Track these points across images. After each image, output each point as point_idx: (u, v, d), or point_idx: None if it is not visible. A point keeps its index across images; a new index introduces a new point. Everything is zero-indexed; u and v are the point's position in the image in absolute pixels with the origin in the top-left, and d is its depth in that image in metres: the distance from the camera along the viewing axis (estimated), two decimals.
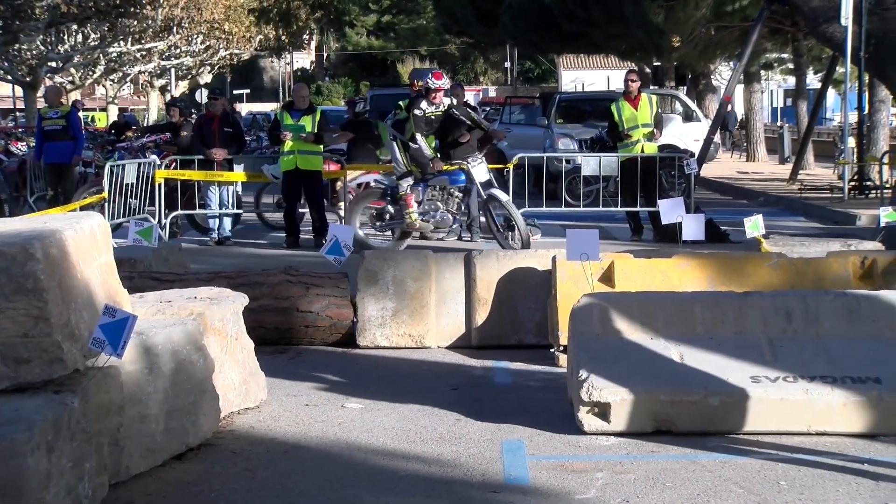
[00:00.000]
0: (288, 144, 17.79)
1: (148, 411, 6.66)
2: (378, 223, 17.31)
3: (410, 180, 16.76)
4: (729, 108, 42.53)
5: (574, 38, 41.30)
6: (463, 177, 16.17)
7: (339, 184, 19.72)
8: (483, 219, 16.95)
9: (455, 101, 16.91)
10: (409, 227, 16.83)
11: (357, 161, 20.18)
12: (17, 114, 50.51)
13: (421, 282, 10.36)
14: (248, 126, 40.95)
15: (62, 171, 20.00)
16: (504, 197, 16.14)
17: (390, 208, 16.86)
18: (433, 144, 17.34)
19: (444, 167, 16.38)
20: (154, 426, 6.73)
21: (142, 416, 6.61)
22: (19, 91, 48.30)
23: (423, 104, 16.22)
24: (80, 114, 28.39)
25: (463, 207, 16.82)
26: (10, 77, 44.85)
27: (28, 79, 44.81)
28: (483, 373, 9.41)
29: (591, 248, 9.49)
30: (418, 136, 16.28)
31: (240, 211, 19.83)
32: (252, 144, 27.23)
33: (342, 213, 18.99)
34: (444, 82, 16.66)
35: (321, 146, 18.03)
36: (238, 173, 19.08)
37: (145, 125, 38.08)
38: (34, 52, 43.14)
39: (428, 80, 16.41)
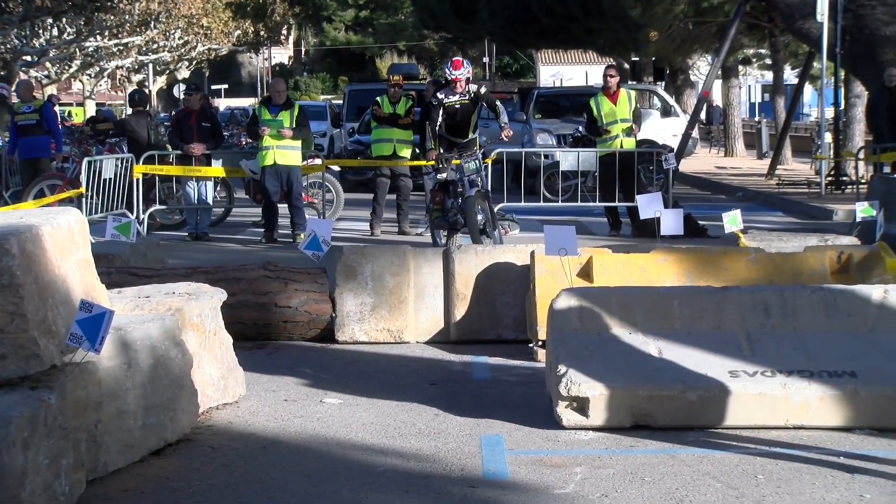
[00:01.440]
0: (266, 140, 17.81)
1: (126, 407, 6.66)
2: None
3: (436, 175, 16.18)
4: (714, 103, 42.69)
5: (552, 34, 41.42)
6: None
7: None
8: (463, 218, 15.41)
9: (484, 90, 15.97)
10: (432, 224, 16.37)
11: None
12: None
13: (399, 277, 10.36)
14: (226, 121, 40.90)
15: (37, 165, 19.95)
16: (484, 202, 14.98)
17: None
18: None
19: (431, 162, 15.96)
20: (132, 422, 6.72)
21: (119, 412, 6.60)
22: None
23: (441, 94, 15.40)
24: (56, 108, 28.26)
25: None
26: None
27: (2, 73, 44.71)
28: (462, 368, 9.41)
29: (569, 244, 9.52)
30: (427, 128, 16.25)
31: (216, 208, 19.82)
32: (230, 140, 27.18)
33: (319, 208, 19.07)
34: (463, 72, 15.34)
35: (299, 141, 18.02)
36: (216, 168, 19.08)
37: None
38: (8, 46, 43.06)
39: (446, 70, 15.70)
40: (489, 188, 15.65)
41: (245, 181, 20.14)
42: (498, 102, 16.05)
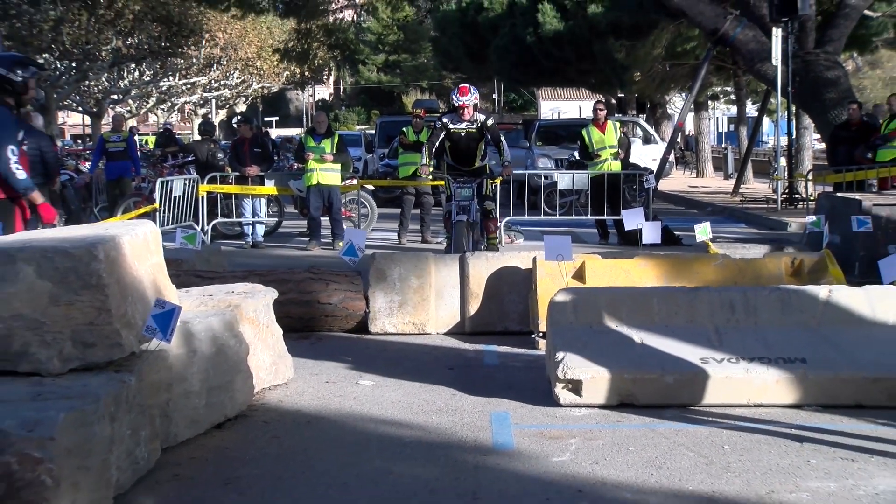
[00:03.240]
0: (311, 163, 17.88)
1: (192, 388, 6.66)
2: None
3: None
4: (689, 132, 42.63)
5: (550, 74, 41.42)
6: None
7: None
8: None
9: (491, 122, 13.61)
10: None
11: None
12: (87, 138, 50.45)
13: (422, 279, 10.35)
14: (277, 148, 40.98)
15: (122, 185, 20.04)
16: (469, 233, 13.02)
17: None
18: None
19: (428, 177, 14.98)
20: (197, 400, 6.73)
21: (187, 392, 6.61)
22: (87, 119, 48.20)
23: (446, 119, 13.37)
24: (136, 137, 28.39)
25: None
26: (80, 108, 44.92)
27: (95, 109, 44.94)
28: (475, 355, 9.39)
29: (566, 251, 9.50)
30: (425, 146, 13.81)
31: (269, 220, 19.84)
32: (280, 163, 27.20)
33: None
34: (470, 97, 13.03)
35: (338, 164, 18.06)
36: (269, 187, 19.13)
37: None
38: (100, 87, 43.20)
39: (453, 96, 13.36)
40: (495, 204, 14.42)
41: (293, 198, 20.17)
42: (502, 138, 13.71)
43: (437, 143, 13.38)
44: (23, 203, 8.86)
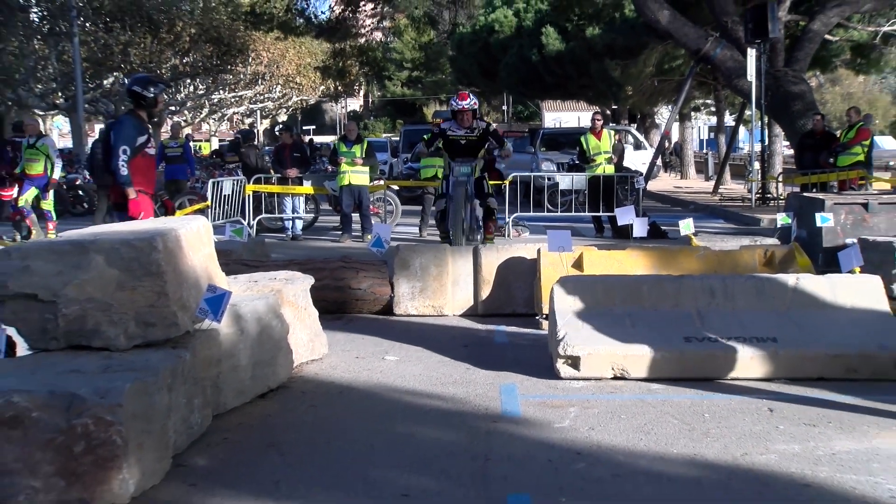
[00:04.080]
0: (343, 166, 17.94)
1: (239, 363, 6.68)
2: None
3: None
4: (676, 140, 42.54)
5: (553, 88, 41.46)
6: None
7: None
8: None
9: (493, 127, 12.34)
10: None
11: None
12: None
13: (440, 267, 10.34)
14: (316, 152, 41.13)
15: (178, 185, 20.09)
16: (467, 204, 12.06)
17: None
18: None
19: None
20: (244, 374, 6.74)
21: (234, 367, 6.63)
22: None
23: (446, 125, 12.02)
24: (191, 143, 28.44)
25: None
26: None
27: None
28: (486, 334, 9.38)
29: (566, 243, 9.51)
30: (421, 143, 12.78)
31: (307, 215, 19.85)
32: (317, 166, 27.26)
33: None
34: (469, 102, 11.75)
35: (367, 167, 18.10)
36: (306, 187, 19.16)
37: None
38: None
39: (452, 102, 11.90)
40: (489, 193, 12.58)
41: (328, 196, 20.19)
42: (506, 140, 13.14)
43: (431, 150, 12.48)
44: (134, 200, 9.19)
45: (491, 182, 18.59)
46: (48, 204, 17.68)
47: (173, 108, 46.37)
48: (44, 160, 17.14)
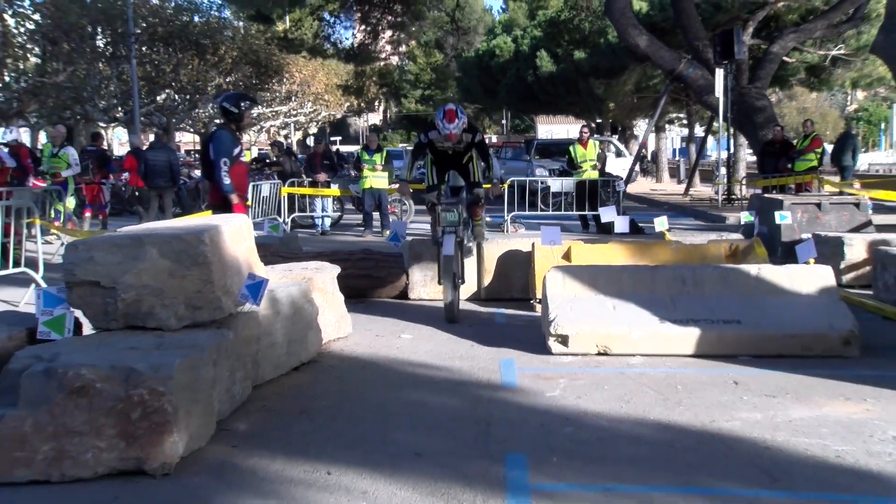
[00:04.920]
0: (365, 172, 18.03)
1: (275, 340, 6.69)
2: None
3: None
4: (652, 148, 42.48)
5: (546, 104, 41.47)
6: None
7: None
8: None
9: (479, 138, 9.65)
10: None
11: None
12: (196, 153, 50.56)
13: None
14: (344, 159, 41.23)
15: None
16: (458, 257, 9.20)
17: None
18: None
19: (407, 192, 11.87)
20: (279, 350, 6.76)
21: (271, 343, 6.64)
22: (196, 138, 48.44)
23: (432, 134, 9.49)
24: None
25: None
26: (191, 129, 45.21)
27: (203, 131, 45.12)
28: (488, 316, 9.38)
29: (556, 238, 9.51)
30: (406, 161, 10.37)
31: (334, 214, 19.85)
32: (343, 172, 27.31)
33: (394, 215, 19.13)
34: (458, 124, 9.21)
35: (386, 172, 18.19)
36: (334, 190, 19.19)
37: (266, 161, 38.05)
38: (206, 114, 43.42)
39: (438, 122, 9.29)
40: (476, 182, 9.90)
41: (352, 198, 20.21)
42: (492, 154, 10.48)
43: (418, 159, 10.04)
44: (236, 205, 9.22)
45: (485, 187, 18.62)
46: (70, 203, 17.47)
47: (217, 121, 46.49)
48: (65, 166, 16.95)
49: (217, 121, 46.44)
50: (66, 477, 4.78)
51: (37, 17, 29.04)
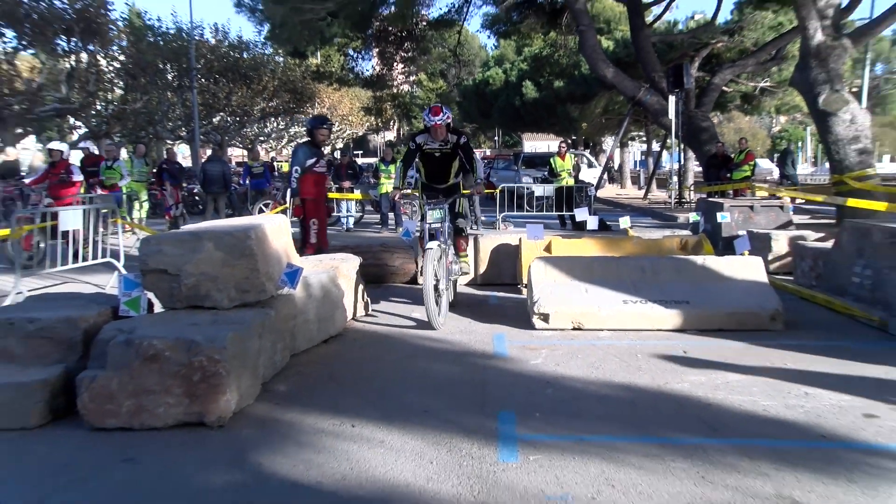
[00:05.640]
0: (382, 179, 18.07)
1: (308, 317, 6.68)
2: None
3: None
4: (617, 161, 42.39)
5: (530, 124, 41.33)
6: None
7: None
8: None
9: (464, 140, 8.38)
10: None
11: None
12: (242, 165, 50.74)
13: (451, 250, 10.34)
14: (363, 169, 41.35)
15: (262, 193, 20.01)
16: (443, 258, 7.86)
17: None
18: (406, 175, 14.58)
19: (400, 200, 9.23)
20: (312, 326, 6.75)
21: (305, 320, 6.63)
22: (244, 153, 48.54)
23: (420, 139, 8.33)
24: (276, 163, 28.32)
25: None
26: (240, 145, 45.30)
27: (249, 147, 45.17)
28: (483, 298, 9.36)
29: (539, 234, 9.50)
30: (399, 167, 8.53)
31: (356, 214, 19.85)
32: (364, 179, 27.29)
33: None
34: (442, 117, 8.08)
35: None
36: (356, 194, 19.16)
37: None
38: (252, 133, 43.47)
39: (425, 117, 8.18)
40: (468, 221, 8.83)
41: (371, 201, 20.17)
42: (476, 156, 9.16)
43: (411, 165, 8.44)
44: (309, 204, 9.34)
45: (485, 191, 18.57)
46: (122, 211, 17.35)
47: (262, 138, 46.40)
48: (119, 177, 16.51)
49: (261, 138, 46.69)
50: (144, 426, 4.82)
51: (122, 57, 29.99)
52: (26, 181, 18.49)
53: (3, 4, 22.76)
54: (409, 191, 9.33)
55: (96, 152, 17.79)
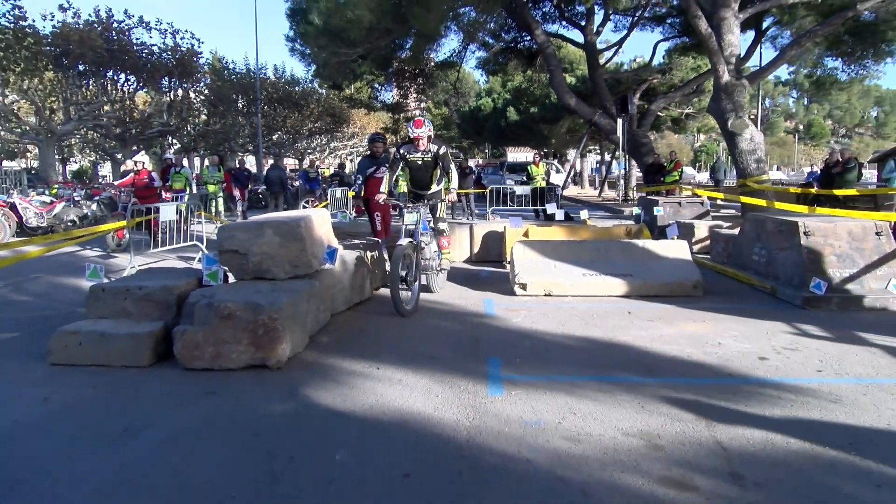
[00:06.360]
0: (400, 182, 17.88)
1: (344, 286, 6.64)
2: None
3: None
4: (578, 168, 42.20)
5: (513, 140, 41.13)
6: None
7: None
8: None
9: (443, 151, 7.31)
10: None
11: None
12: (297, 171, 50.48)
13: (452, 236, 10.24)
14: None
15: (312, 193, 19.89)
16: (413, 254, 6.82)
17: None
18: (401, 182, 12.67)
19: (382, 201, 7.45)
20: (347, 292, 6.71)
21: (341, 288, 6.59)
22: (296, 162, 48.35)
23: (403, 150, 7.32)
24: (319, 170, 28.13)
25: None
26: (293, 157, 45.16)
27: (300, 157, 44.92)
28: (477, 272, 9.31)
29: (519, 223, 9.47)
30: (385, 177, 7.39)
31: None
32: None
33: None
34: (424, 130, 7.16)
35: None
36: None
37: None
38: (302, 147, 43.31)
39: (409, 128, 7.29)
40: (441, 218, 7.63)
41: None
42: (452, 167, 7.29)
43: (396, 173, 7.33)
44: (373, 203, 8.88)
45: (476, 191, 18.50)
46: (220, 204, 16.98)
47: (309, 151, 46.16)
48: (185, 181, 15.48)
49: (308, 151, 46.46)
50: (221, 367, 4.79)
51: (206, 91, 30.80)
52: (115, 183, 18.27)
53: (130, 59, 24.35)
54: (395, 201, 7.73)
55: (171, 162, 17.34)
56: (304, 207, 17.56)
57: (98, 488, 3.13)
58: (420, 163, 7.36)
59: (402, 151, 7.34)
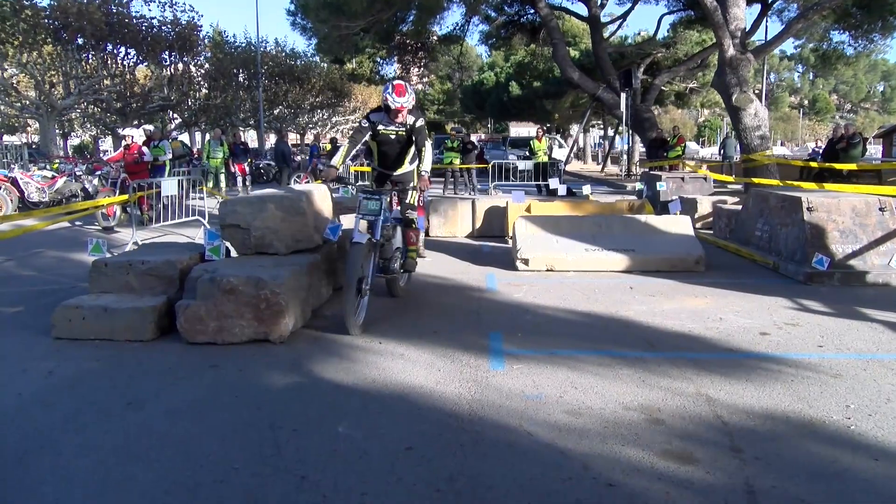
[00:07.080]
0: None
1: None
2: None
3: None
4: (581, 143, 41.94)
5: (515, 115, 40.83)
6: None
7: None
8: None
9: (420, 123, 5.53)
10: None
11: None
12: (298, 146, 50.15)
13: (455, 210, 10.23)
14: None
15: (314, 169, 19.78)
16: (370, 255, 5.25)
17: None
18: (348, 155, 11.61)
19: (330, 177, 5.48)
20: None
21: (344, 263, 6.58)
22: (298, 137, 48.10)
23: (374, 118, 5.62)
24: (320, 144, 27.93)
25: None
26: (294, 131, 45.03)
27: (302, 132, 44.70)
28: (478, 247, 9.31)
29: (521, 198, 9.41)
30: (342, 148, 5.56)
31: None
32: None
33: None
34: (407, 99, 5.38)
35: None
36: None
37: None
38: (303, 121, 43.09)
39: (387, 95, 5.35)
40: (410, 205, 5.92)
41: None
42: (427, 144, 5.55)
43: (357, 146, 5.60)
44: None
45: (477, 166, 18.40)
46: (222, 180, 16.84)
47: (310, 126, 45.90)
48: (162, 153, 14.04)
49: (310, 126, 46.20)
50: (224, 341, 4.80)
51: (206, 65, 30.67)
52: (104, 158, 18.07)
53: (130, 33, 24.34)
54: (339, 173, 5.52)
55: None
56: (296, 183, 17.51)
57: (103, 460, 3.15)
58: (393, 137, 5.70)
59: (372, 120, 5.66)
